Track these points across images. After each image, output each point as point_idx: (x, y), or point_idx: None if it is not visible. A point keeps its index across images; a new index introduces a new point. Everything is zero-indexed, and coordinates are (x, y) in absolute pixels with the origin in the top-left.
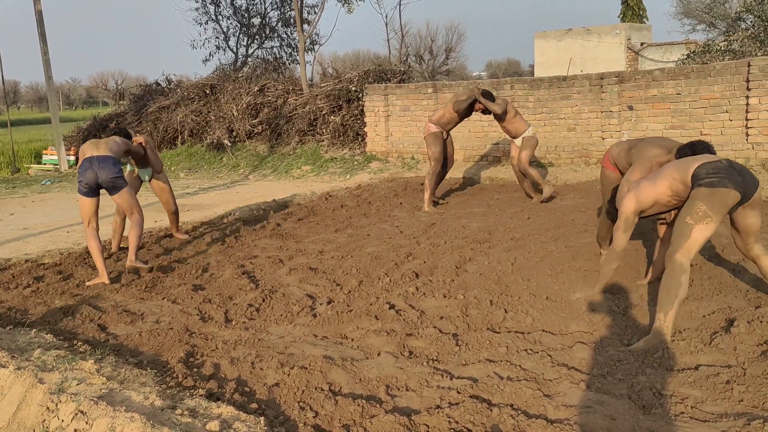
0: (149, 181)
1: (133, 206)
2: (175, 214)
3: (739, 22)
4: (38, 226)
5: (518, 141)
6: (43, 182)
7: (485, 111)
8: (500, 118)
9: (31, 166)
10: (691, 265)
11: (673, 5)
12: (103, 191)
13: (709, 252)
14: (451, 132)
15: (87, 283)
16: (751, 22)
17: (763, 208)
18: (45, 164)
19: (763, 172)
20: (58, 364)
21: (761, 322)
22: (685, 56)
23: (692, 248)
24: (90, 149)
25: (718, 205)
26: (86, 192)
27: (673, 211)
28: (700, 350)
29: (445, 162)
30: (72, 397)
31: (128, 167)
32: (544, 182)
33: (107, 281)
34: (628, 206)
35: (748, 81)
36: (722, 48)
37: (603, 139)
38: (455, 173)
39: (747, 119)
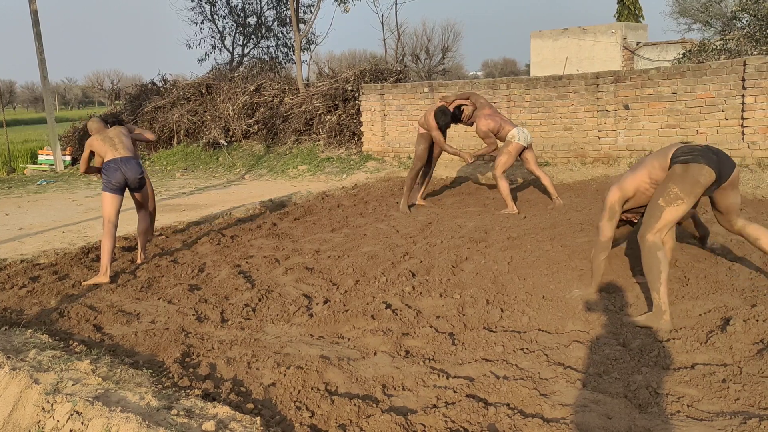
0: None
1: (146, 201)
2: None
3: (734, 21)
4: (34, 227)
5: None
6: (38, 182)
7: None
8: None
9: (27, 166)
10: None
11: (669, 4)
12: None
13: (704, 251)
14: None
15: (84, 283)
16: (747, 21)
17: (759, 206)
18: (41, 164)
19: (759, 171)
20: (54, 365)
21: (757, 320)
22: (681, 55)
23: (663, 228)
24: (110, 150)
25: (690, 183)
26: (114, 189)
27: None
28: (697, 349)
29: (429, 162)
30: (67, 398)
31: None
32: (509, 199)
33: (108, 281)
34: (611, 196)
35: (743, 80)
36: (718, 47)
37: (599, 138)
38: (451, 172)
39: (743, 118)
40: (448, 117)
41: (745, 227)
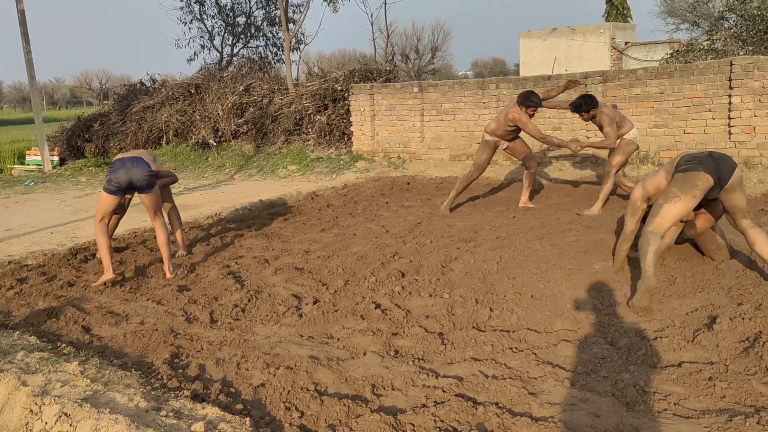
0: None
1: (158, 207)
2: (174, 219)
3: (721, 21)
4: (21, 227)
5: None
6: (26, 183)
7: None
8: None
9: (15, 166)
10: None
11: (657, 4)
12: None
13: (692, 251)
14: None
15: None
16: (734, 21)
17: (748, 204)
18: (28, 165)
19: (746, 170)
20: (42, 366)
21: (743, 319)
22: (669, 55)
23: (661, 222)
24: (120, 154)
25: (688, 186)
26: (114, 191)
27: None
28: (683, 347)
29: (528, 163)
30: (56, 400)
31: None
32: (603, 201)
33: (112, 276)
34: (634, 194)
35: (730, 80)
36: (705, 47)
37: (587, 137)
38: (441, 172)
39: (729, 118)
40: (539, 98)
41: (747, 229)
